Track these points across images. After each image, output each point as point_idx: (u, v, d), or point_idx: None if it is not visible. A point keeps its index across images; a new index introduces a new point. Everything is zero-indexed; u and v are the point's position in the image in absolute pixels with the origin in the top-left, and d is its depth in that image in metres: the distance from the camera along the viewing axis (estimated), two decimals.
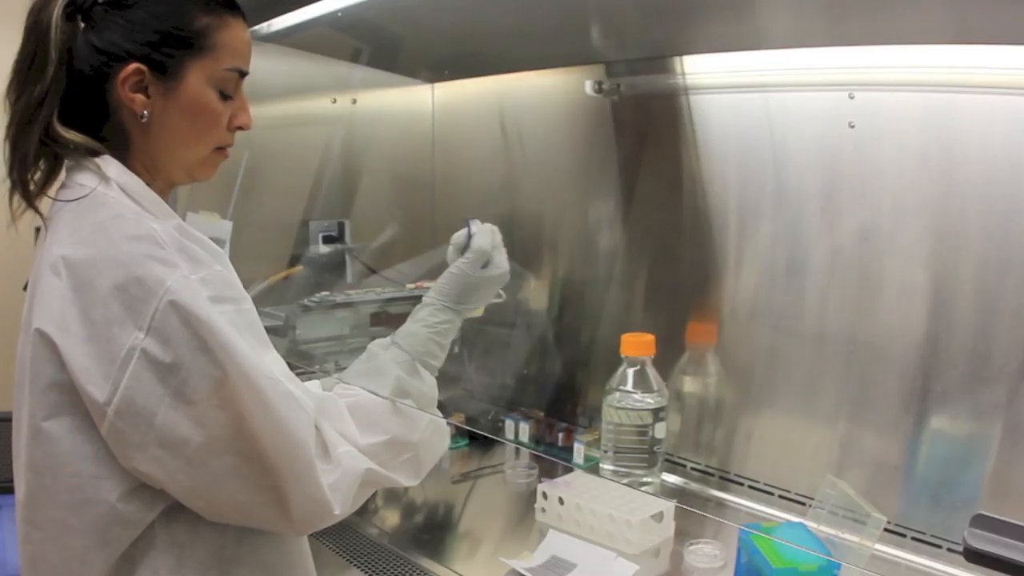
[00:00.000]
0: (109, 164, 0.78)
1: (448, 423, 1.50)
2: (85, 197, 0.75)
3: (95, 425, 0.72)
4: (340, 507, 0.77)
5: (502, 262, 1.02)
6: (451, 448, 1.52)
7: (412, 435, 0.87)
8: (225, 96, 0.82)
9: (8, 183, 0.78)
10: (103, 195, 0.76)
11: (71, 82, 0.77)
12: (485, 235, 1.01)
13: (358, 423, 0.84)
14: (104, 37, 0.77)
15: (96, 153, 0.78)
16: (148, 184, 0.80)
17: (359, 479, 0.79)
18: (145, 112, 0.78)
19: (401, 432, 0.86)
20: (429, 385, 0.93)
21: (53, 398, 0.73)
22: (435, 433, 0.91)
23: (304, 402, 0.77)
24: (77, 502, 0.74)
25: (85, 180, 0.77)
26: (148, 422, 0.70)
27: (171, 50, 0.78)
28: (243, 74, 0.83)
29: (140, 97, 0.78)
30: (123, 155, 0.80)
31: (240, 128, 0.85)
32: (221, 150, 0.85)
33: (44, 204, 0.80)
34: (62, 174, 0.80)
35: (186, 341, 0.70)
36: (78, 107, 0.78)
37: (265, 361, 0.75)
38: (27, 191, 0.78)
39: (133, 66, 0.77)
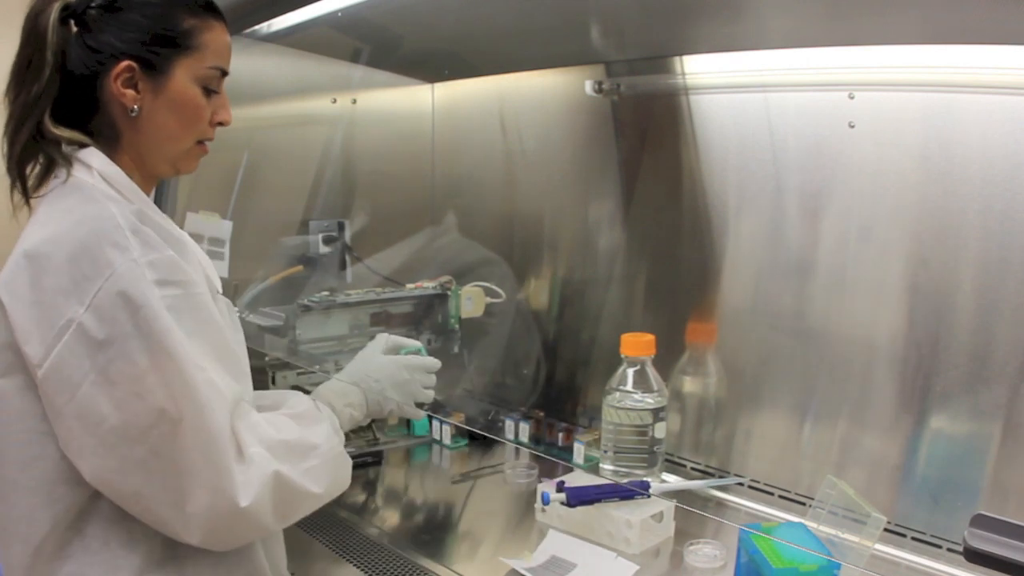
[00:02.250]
0: (92, 155, 0.84)
1: (448, 423, 1.52)
2: (65, 185, 0.81)
3: None
4: (247, 500, 0.78)
5: None
6: (451, 448, 1.52)
7: (315, 438, 0.89)
8: (209, 93, 0.88)
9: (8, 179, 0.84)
10: (82, 182, 0.81)
11: (65, 81, 0.83)
12: None
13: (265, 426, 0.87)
14: (98, 38, 0.83)
15: (83, 146, 0.84)
16: (129, 175, 0.85)
17: (270, 478, 0.81)
18: (135, 107, 0.84)
19: (304, 435, 0.89)
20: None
21: (6, 357, 0.78)
22: (337, 448, 0.92)
23: (225, 394, 0.80)
24: (25, 459, 0.78)
25: (72, 170, 0.82)
26: (71, 393, 0.74)
27: (160, 49, 0.84)
28: (224, 73, 0.90)
29: (131, 92, 0.84)
30: (112, 147, 0.86)
31: (220, 124, 0.91)
32: (201, 144, 0.91)
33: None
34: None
35: (121, 323, 0.74)
36: (70, 104, 0.84)
37: (196, 350, 0.78)
38: (25, 186, 0.84)
39: (125, 63, 0.83)
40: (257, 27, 1.51)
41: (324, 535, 1.18)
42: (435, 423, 1.54)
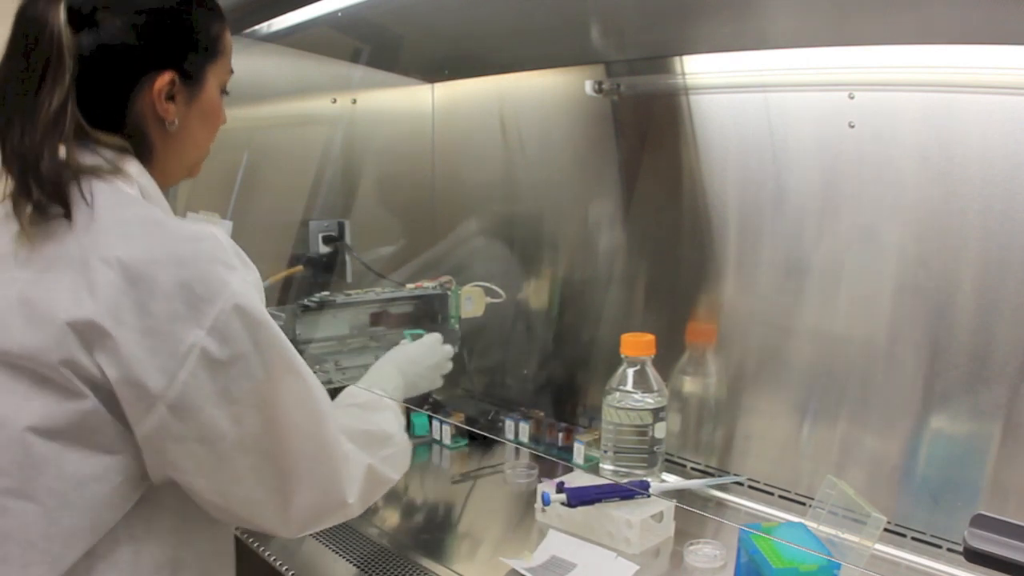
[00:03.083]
0: (131, 163, 0.78)
1: (448, 423, 1.52)
2: (112, 187, 0.74)
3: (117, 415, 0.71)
4: (354, 497, 0.85)
5: None
6: (451, 448, 1.52)
7: (388, 427, 0.97)
8: (223, 95, 0.87)
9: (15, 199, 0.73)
10: (126, 191, 0.76)
11: (85, 92, 0.74)
12: None
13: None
14: (125, 44, 0.75)
15: (122, 152, 0.78)
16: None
17: (366, 472, 0.87)
18: (175, 120, 0.80)
19: (379, 423, 0.97)
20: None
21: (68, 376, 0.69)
22: (405, 433, 1.02)
23: (329, 400, 0.84)
24: (83, 477, 0.71)
25: (109, 176, 0.75)
26: (195, 417, 0.72)
27: (196, 58, 0.81)
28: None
29: (172, 106, 0.80)
30: (142, 162, 0.80)
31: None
32: None
33: None
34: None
35: (242, 341, 0.73)
36: (96, 117, 0.76)
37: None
38: (68, 204, 0.73)
39: (168, 76, 0.78)
40: (257, 27, 1.51)
41: (323, 535, 1.18)
42: (435, 423, 1.54)
